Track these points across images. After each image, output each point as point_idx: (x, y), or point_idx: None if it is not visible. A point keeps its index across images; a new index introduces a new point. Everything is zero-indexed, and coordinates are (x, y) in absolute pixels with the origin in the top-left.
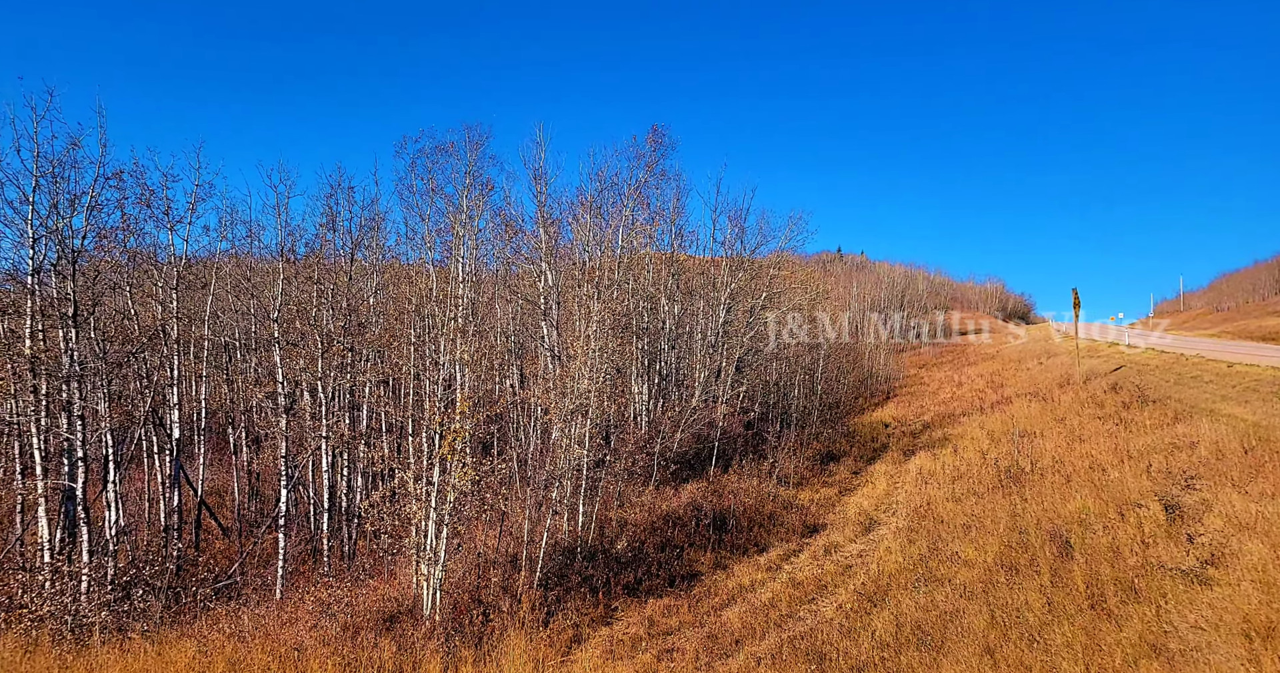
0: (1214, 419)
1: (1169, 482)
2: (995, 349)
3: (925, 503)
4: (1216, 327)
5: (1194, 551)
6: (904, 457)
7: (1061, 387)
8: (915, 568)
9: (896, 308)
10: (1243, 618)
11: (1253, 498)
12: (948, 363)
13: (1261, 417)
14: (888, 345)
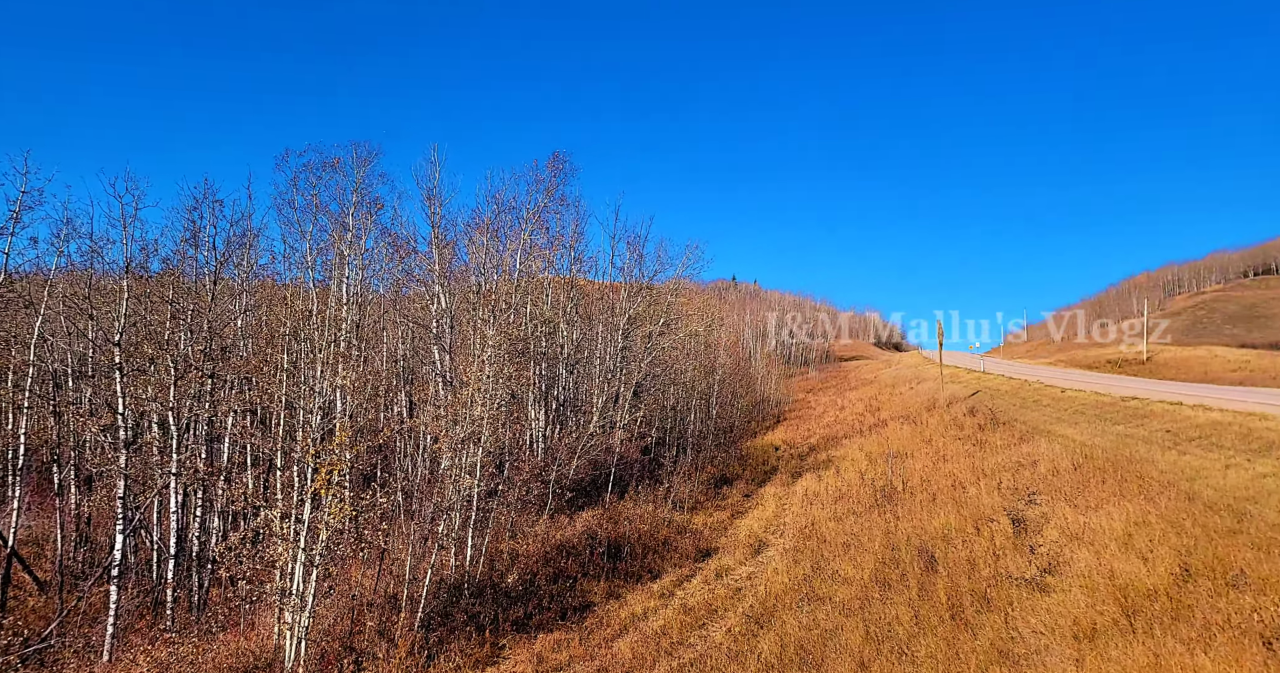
0: (1050, 439)
1: (1016, 497)
2: (873, 375)
3: (810, 523)
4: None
5: (1035, 560)
6: (792, 479)
7: (929, 410)
8: (800, 588)
9: (787, 334)
10: (1073, 621)
11: (1081, 510)
12: (832, 388)
13: (1087, 437)
14: (778, 371)
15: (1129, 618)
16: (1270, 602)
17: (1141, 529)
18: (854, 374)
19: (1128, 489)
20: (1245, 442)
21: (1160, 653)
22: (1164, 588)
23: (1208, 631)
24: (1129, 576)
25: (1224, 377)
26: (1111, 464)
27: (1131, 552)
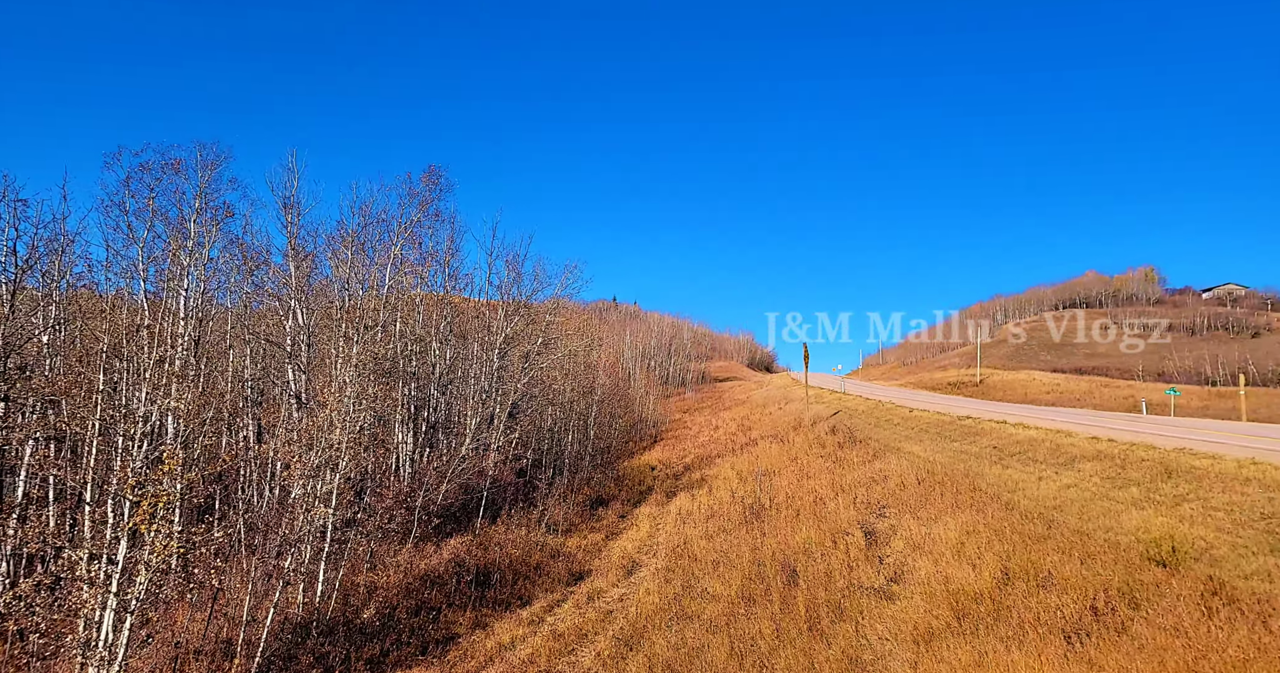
0: (900, 456)
1: (869, 511)
2: (746, 395)
3: (683, 542)
4: (904, 378)
5: (883, 570)
6: (667, 498)
7: (795, 429)
8: (670, 607)
9: (665, 355)
10: (913, 627)
11: (923, 522)
12: (707, 408)
13: (931, 453)
14: (657, 391)
15: (959, 621)
16: (1070, 600)
17: (972, 538)
18: (728, 395)
19: (962, 501)
20: (1054, 456)
21: (983, 652)
22: (988, 591)
23: (1021, 629)
24: (961, 581)
25: (1040, 397)
26: (949, 478)
27: (963, 559)
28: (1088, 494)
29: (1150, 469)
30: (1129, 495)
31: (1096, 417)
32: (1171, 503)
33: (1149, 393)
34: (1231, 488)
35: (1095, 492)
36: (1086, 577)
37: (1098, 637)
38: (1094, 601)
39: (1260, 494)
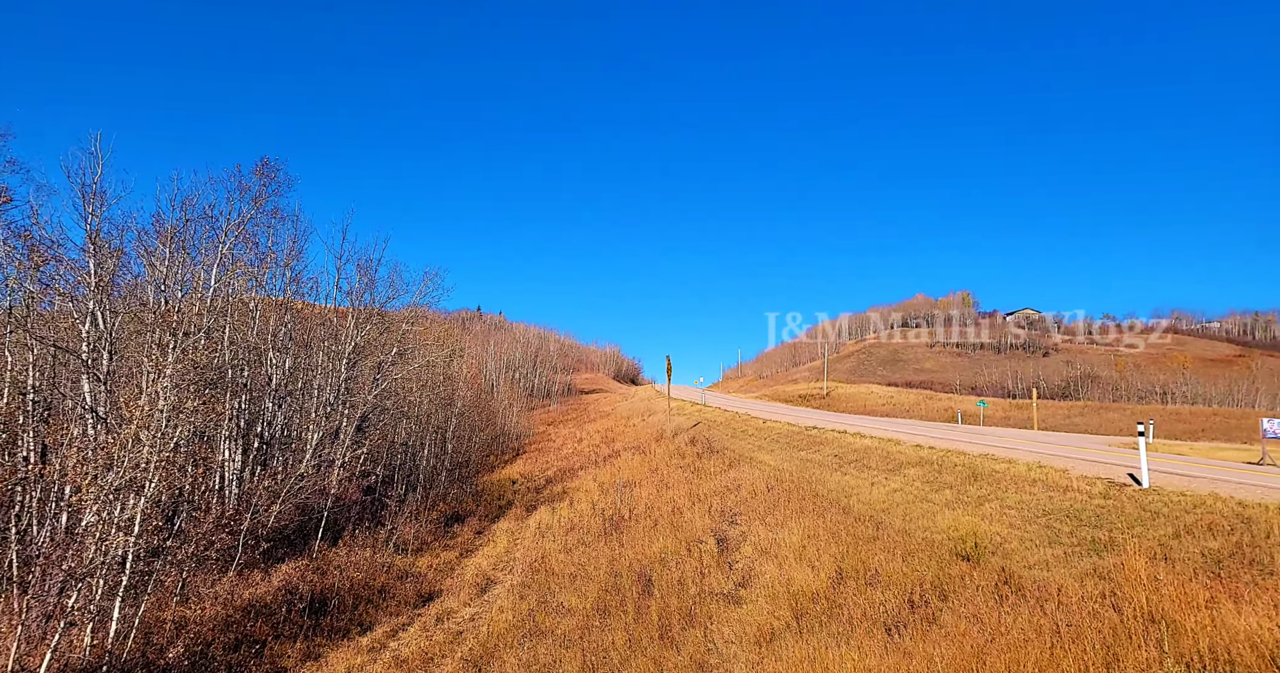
0: (752, 465)
1: (722, 519)
2: (611, 407)
3: (541, 557)
4: (760, 390)
5: (732, 576)
6: (527, 512)
7: (657, 441)
8: (524, 624)
9: (531, 367)
10: (756, 629)
11: (771, 528)
12: (572, 420)
13: (780, 462)
14: (521, 403)
15: (797, 620)
16: (892, 596)
17: (812, 541)
18: (593, 407)
19: (805, 507)
20: (885, 463)
21: (816, 648)
22: (824, 591)
23: (850, 624)
24: (801, 582)
25: (877, 409)
26: (795, 486)
27: (804, 562)
28: (911, 497)
29: (961, 473)
30: (943, 498)
31: (921, 426)
32: (976, 503)
33: (964, 405)
34: (1022, 488)
35: (917, 495)
36: (907, 573)
37: (913, 628)
38: (911, 595)
39: (1043, 494)
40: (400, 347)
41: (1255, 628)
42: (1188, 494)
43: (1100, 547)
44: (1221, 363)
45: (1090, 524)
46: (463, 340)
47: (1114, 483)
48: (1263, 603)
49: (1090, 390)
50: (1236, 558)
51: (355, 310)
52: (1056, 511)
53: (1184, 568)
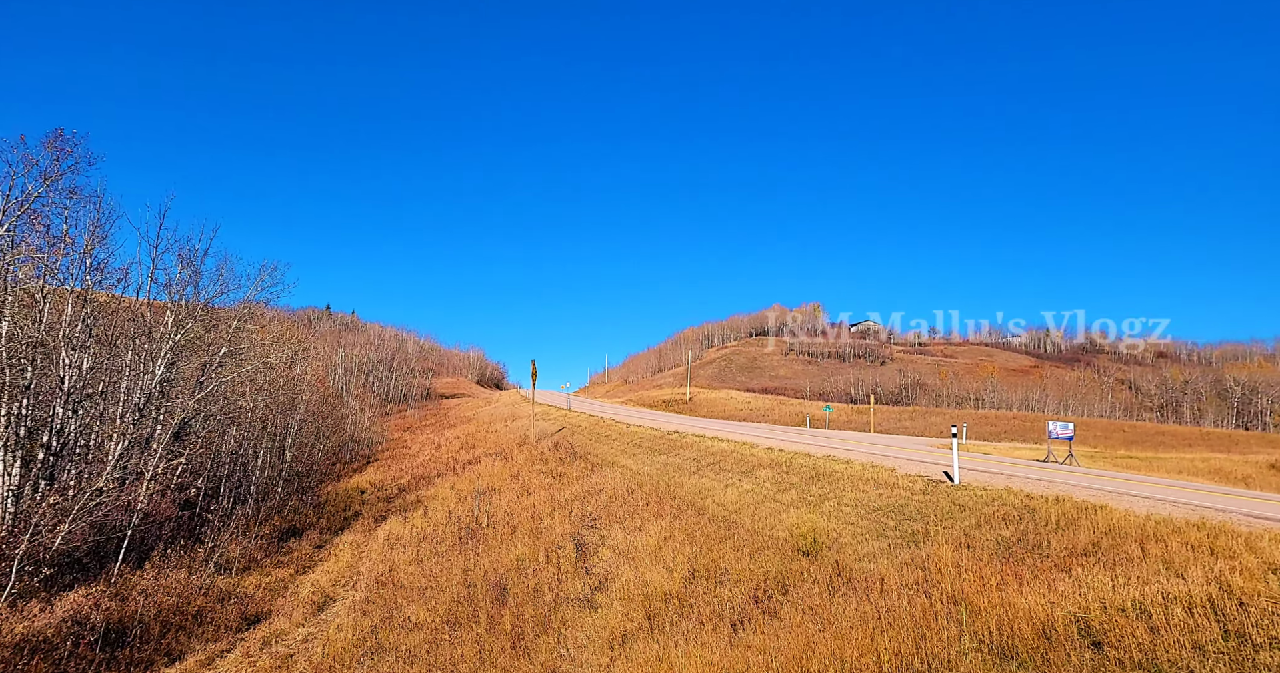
0: (614, 470)
1: (582, 524)
2: (473, 412)
3: (388, 570)
4: (626, 395)
5: (589, 580)
6: (375, 523)
7: (520, 446)
8: (365, 642)
9: (387, 370)
10: (610, 631)
11: (629, 531)
12: (430, 426)
13: (641, 467)
14: (375, 408)
15: (650, 621)
16: (739, 592)
17: (668, 543)
18: (454, 412)
19: (663, 509)
20: (740, 465)
21: (666, 647)
22: (677, 591)
23: (699, 622)
24: (655, 584)
25: (735, 414)
26: (655, 489)
27: (660, 563)
28: (761, 498)
29: (806, 474)
30: (790, 497)
31: (774, 430)
32: (817, 501)
33: (813, 409)
34: (857, 487)
35: (766, 495)
36: (753, 570)
37: (756, 622)
38: (757, 591)
39: (874, 491)
40: (231, 346)
41: (1032, 605)
42: (988, 489)
43: (918, 538)
44: (1021, 373)
45: (911, 518)
46: (308, 341)
47: (932, 480)
48: (1039, 583)
49: (919, 396)
50: (1022, 544)
51: (175, 305)
52: (884, 506)
53: (982, 554)
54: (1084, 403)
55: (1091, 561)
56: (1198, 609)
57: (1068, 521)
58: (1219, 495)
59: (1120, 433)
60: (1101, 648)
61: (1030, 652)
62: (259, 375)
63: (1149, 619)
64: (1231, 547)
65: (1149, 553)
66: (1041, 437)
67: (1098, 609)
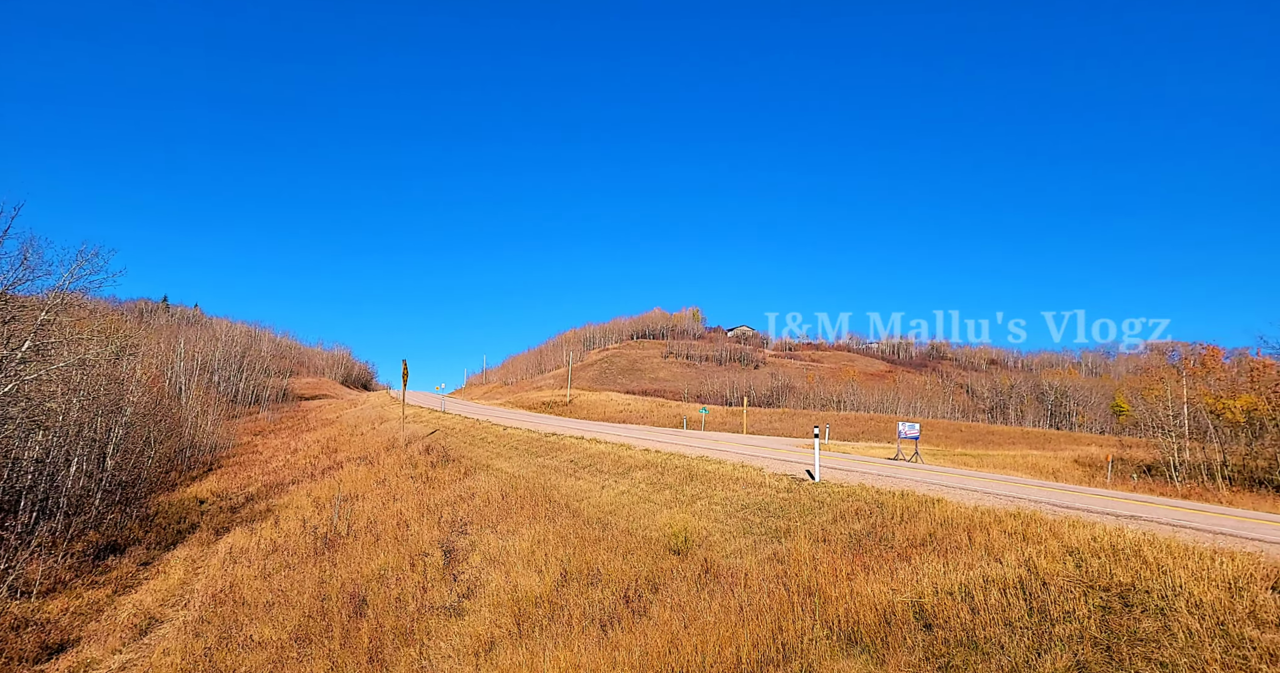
0: (489, 473)
1: (452, 530)
2: (337, 415)
3: (229, 585)
4: (505, 397)
5: (456, 587)
6: (216, 536)
7: (388, 450)
8: (197, 666)
9: (237, 370)
10: (476, 638)
11: (502, 535)
12: (287, 429)
13: (518, 469)
14: (221, 411)
15: (519, 626)
16: (611, 593)
17: (542, 546)
18: (315, 415)
19: (539, 512)
20: (617, 466)
21: (535, 652)
22: (548, 594)
23: (570, 624)
24: (527, 588)
25: (615, 416)
26: (530, 492)
27: (532, 567)
28: (636, 498)
29: (680, 474)
30: (663, 497)
31: (652, 432)
32: (689, 501)
33: (690, 411)
34: (728, 486)
35: (641, 496)
36: (625, 570)
37: (626, 621)
38: (628, 591)
39: (743, 490)
40: (38, 341)
41: (876, 593)
42: (844, 486)
43: (780, 534)
44: (878, 377)
45: (775, 515)
46: (139, 336)
47: (795, 479)
48: (884, 572)
49: (788, 399)
50: (871, 536)
51: None
52: (752, 504)
53: (836, 547)
54: (930, 405)
55: (928, 550)
56: (1010, 590)
57: (910, 513)
58: (1033, 488)
59: (958, 432)
60: (932, 629)
61: (872, 636)
62: (74, 374)
63: (971, 601)
64: (1040, 533)
65: (975, 541)
66: (894, 436)
67: (931, 594)
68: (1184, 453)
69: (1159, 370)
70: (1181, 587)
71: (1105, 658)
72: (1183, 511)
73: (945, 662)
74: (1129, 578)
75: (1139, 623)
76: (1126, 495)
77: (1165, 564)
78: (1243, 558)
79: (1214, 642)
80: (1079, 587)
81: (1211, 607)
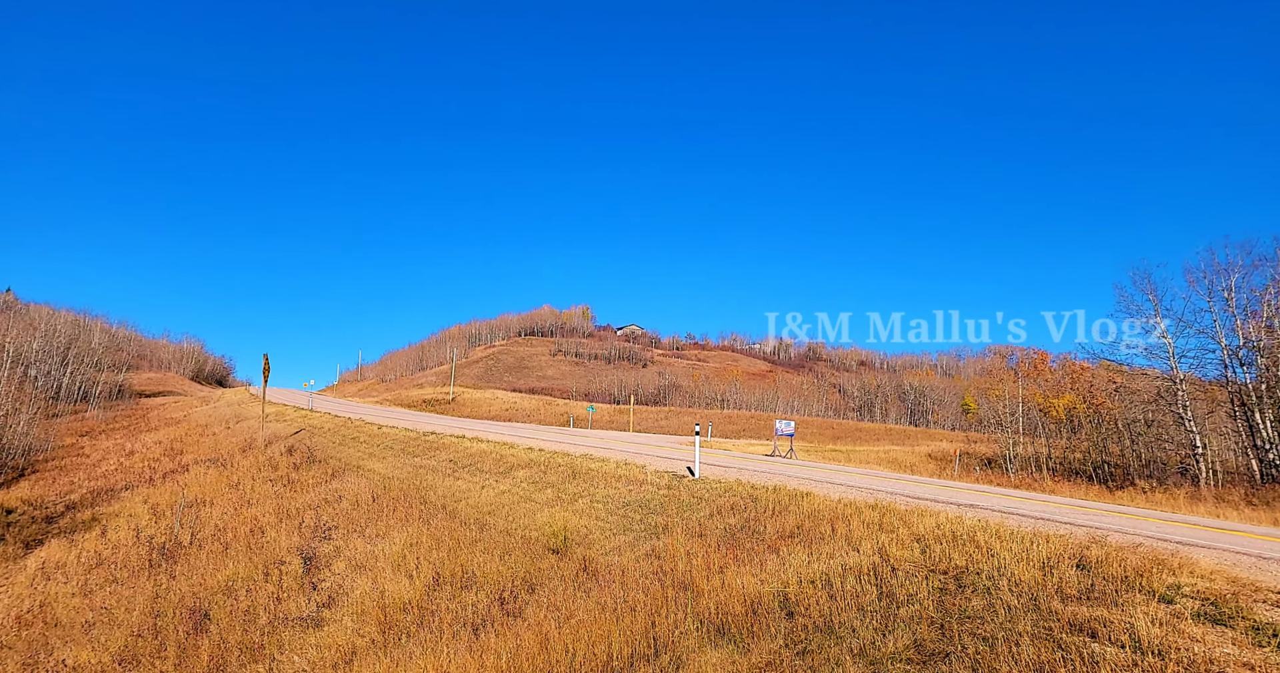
0: (360, 474)
1: (314, 536)
2: (184, 413)
3: (40, 605)
4: (382, 395)
5: (316, 597)
6: (25, 549)
7: (244, 451)
8: None
9: (60, 363)
10: (336, 650)
11: (370, 540)
12: (122, 429)
13: (391, 470)
14: (39, 409)
15: (385, 634)
16: (485, 596)
17: (414, 550)
18: (158, 413)
19: (412, 514)
20: (498, 465)
21: (399, 660)
22: (418, 600)
23: (439, 630)
24: (395, 594)
25: (500, 414)
26: (404, 494)
27: (402, 572)
28: (517, 498)
29: (563, 472)
30: (545, 496)
31: (539, 430)
32: (571, 500)
33: (577, 410)
34: (610, 484)
35: (523, 495)
36: (502, 571)
37: (499, 624)
38: (504, 593)
39: (625, 488)
40: None
41: (746, 584)
42: (722, 482)
43: (659, 530)
44: (759, 377)
45: (655, 512)
46: None
47: (676, 476)
48: (754, 564)
49: (675, 397)
50: (745, 530)
51: None
52: (633, 502)
53: (712, 542)
54: (806, 404)
55: (796, 541)
56: (864, 577)
57: (781, 507)
58: (892, 481)
59: (830, 429)
60: (794, 617)
61: (740, 627)
62: None
63: (830, 588)
64: (893, 522)
65: (837, 532)
66: (773, 434)
67: (795, 584)
68: (1018, 447)
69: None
70: (1005, 568)
71: (939, 635)
72: (1013, 499)
73: (803, 647)
74: (964, 561)
75: (969, 602)
76: (969, 486)
77: (994, 548)
78: (1056, 540)
79: (1027, 616)
80: (922, 571)
81: (1028, 584)
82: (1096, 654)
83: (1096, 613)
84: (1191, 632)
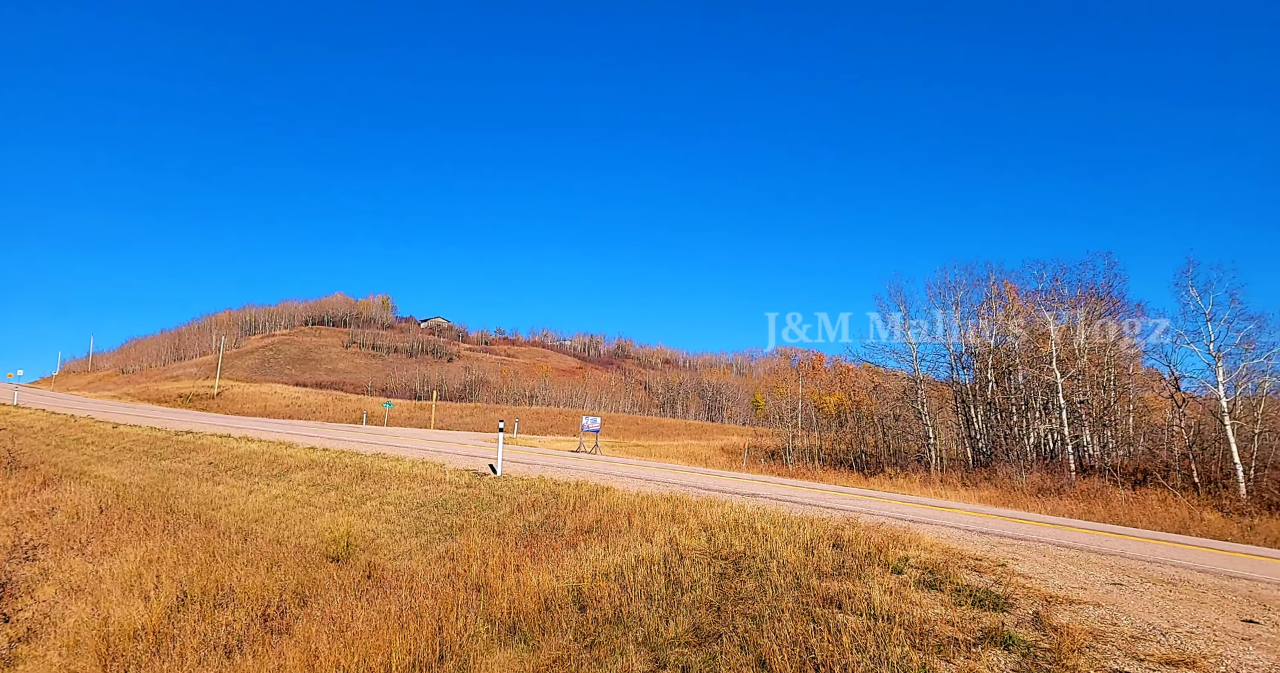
0: (83, 481)
1: (12, 557)
2: None
3: None
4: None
5: (8, 630)
6: None
7: None
8: None
9: None
10: None
11: (92, 558)
12: None
13: (128, 475)
14: None
15: (105, 667)
16: (245, 613)
17: (154, 567)
18: None
19: (154, 526)
20: (271, 467)
21: None
22: (154, 624)
23: (182, 656)
24: (123, 620)
25: (280, 411)
26: (144, 502)
27: (136, 593)
28: (292, 503)
29: (350, 473)
30: (327, 500)
31: (325, 428)
32: (358, 502)
33: (372, 406)
34: (404, 484)
35: (300, 499)
36: (269, 585)
37: (260, 644)
38: (269, 608)
39: (420, 488)
40: None
41: (542, 581)
42: (525, 479)
43: (455, 531)
44: (569, 373)
45: (453, 512)
46: None
47: (478, 473)
48: (551, 561)
49: (482, 393)
50: (544, 526)
51: None
52: (429, 502)
53: (510, 540)
54: (614, 400)
55: (594, 536)
56: (655, 567)
57: (582, 502)
58: (687, 473)
59: (635, 425)
60: (586, 610)
61: (532, 625)
62: None
63: (622, 580)
64: (684, 513)
65: (634, 525)
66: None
67: (589, 578)
68: (796, 440)
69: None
70: (777, 551)
71: (715, 618)
72: (789, 487)
73: (592, 640)
74: (743, 547)
75: (744, 584)
76: (754, 477)
77: (769, 533)
78: (819, 523)
79: (790, 593)
80: (706, 558)
81: (794, 565)
82: (841, 624)
83: (844, 587)
84: (913, 597)
